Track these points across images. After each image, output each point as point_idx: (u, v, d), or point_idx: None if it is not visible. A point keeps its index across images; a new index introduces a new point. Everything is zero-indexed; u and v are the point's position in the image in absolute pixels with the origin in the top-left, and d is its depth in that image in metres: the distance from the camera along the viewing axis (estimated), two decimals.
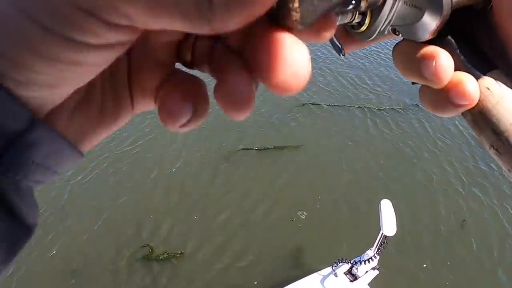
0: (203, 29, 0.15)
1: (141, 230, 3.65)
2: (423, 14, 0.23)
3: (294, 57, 0.16)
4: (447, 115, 0.24)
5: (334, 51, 0.27)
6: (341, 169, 4.55)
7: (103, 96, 0.21)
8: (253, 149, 4.70)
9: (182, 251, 3.46)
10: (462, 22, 0.24)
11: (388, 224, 2.60)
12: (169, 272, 3.33)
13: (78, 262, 3.35)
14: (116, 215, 3.77)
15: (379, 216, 2.66)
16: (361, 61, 7.27)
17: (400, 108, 5.86)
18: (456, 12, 0.23)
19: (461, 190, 4.42)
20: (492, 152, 0.23)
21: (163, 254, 3.41)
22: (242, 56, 0.19)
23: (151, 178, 4.20)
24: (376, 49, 7.90)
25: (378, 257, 2.79)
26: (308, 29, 0.18)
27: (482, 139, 0.24)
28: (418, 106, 5.98)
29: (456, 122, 5.63)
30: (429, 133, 5.36)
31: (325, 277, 2.91)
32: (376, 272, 2.86)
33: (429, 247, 3.73)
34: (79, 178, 4.12)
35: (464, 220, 3.97)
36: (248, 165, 4.50)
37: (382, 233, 2.66)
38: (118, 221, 3.71)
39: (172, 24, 0.15)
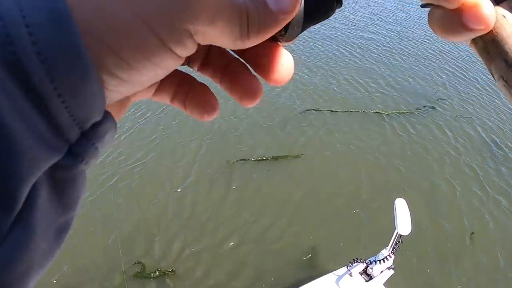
0: (235, 47, 0.22)
1: (134, 247, 3.60)
2: None
3: (287, 61, 0.25)
4: (457, 39, 0.23)
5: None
6: (358, 170, 4.53)
7: None
8: (263, 159, 4.66)
9: (174, 269, 3.38)
10: None
11: (403, 223, 2.59)
12: None
13: (69, 276, 3.32)
14: (110, 231, 3.73)
15: (394, 215, 2.65)
16: (374, 62, 7.22)
17: (415, 111, 5.78)
18: None
19: (481, 195, 4.32)
20: (500, 84, 0.22)
21: (155, 272, 3.36)
22: (240, 59, 0.26)
23: (155, 195, 4.13)
24: (389, 49, 7.86)
25: (393, 256, 2.77)
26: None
27: (492, 69, 0.23)
28: (435, 108, 5.91)
29: (476, 125, 5.53)
30: (449, 136, 5.27)
31: (340, 277, 2.91)
32: (392, 271, 2.83)
33: (446, 251, 3.66)
34: (87, 194, 4.13)
35: (472, 233, 3.84)
36: (255, 176, 4.45)
37: (397, 232, 2.65)
38: (113, 237, 3.67)
39: (219, 43, 0.21)
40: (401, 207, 2.64)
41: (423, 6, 0.24)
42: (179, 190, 4.18)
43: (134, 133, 5.05)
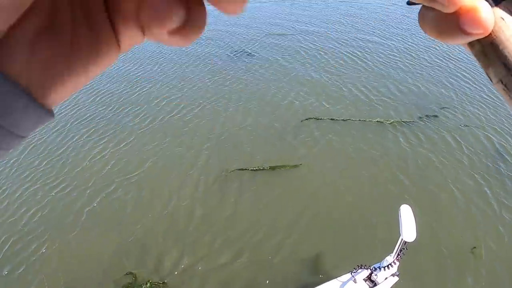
0: None
1: (126, 258, 3.66)
2: None
3: None
4: (453, 42, 0.21)
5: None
6: (365, 177, 4.51)
7: (75, 24, 0.16)
8: (267, 169, 4.68)
9: (165, 281, 3.41)
10: None
11: (408, 229, 2.57)
12: None
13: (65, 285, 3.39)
14: (113, 241, 3.79)
15: (399, 222, 2.63)
16: (383, 67, 7.19)
17: (426, 118, 5.71)
18: None
19: (495, 204, 4.22)
20: (499, 87, 0.22)
21: (146, 284, 3.39)
22: None
23: (158, 207, 4.18)
24: (397, 54, 7.81)
25: (397, 263, 2.75)
26: None
27: (490, 72, 0.22)
28: (446, 116, 5.84)
29: (488, 133, 5.44)
30: (460, 145, 5.19)
31: (344, 283, 2.89)
32: (396, 278, 2.81)
33: (458, 260, 3.58)
34: (94, 204, 4.23)
35: (474, 247, 3.72)
36: (261, 186, 4.48)
37: (402, 239, 2.63)
38: (116, 246, 3.75)
39: None
40: (406, 214, 2.62)
41: (409, 3, 0.23)
42: (184, 203, 4.22)
43: (139, 141, 5.14)
